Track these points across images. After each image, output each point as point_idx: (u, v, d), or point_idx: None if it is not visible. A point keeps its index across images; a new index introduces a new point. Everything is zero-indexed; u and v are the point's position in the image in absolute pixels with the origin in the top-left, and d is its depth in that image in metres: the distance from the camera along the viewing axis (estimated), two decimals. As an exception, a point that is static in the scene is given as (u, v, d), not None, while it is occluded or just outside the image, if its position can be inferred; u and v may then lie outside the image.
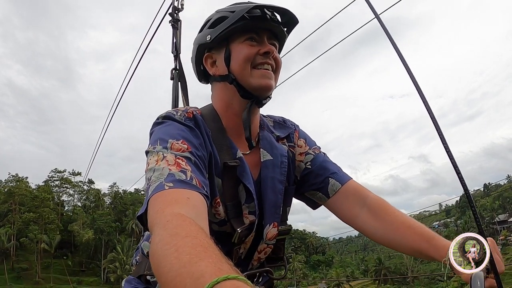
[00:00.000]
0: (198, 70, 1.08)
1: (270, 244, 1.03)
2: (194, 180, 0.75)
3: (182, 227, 0.58)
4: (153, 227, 0.63)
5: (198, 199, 0.72)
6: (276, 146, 1.06)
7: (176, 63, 1.79)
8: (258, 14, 0.95)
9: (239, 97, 0.98)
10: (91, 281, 50.92)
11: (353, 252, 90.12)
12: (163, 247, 0.54)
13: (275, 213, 1.01)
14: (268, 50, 0.96)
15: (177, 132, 0.85)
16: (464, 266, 0.73)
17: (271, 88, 0.98)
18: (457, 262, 0.74)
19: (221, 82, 1.01)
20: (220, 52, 0.99)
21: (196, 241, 0.53)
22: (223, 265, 0.47)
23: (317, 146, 1.17)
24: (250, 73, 0.96)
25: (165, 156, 0.79)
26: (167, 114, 0.92)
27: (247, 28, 0.96)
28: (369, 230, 1.03)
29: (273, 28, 0.99)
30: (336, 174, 1.09)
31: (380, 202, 1.04)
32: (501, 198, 65.11)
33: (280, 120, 1.18)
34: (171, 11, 1.96)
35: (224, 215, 0.93)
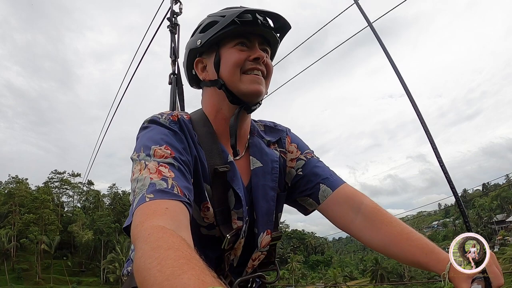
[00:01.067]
0: (189, 75, 1.08)
1: (264, 251, 1.04)
2: (175, 188, 0.74)
3: (164, 239, 0.57)
4: (135, 241, 0.63)
5: (177, 209, 0.71)
6: (266, 152, 1.05)
7: (175, 68, 1.78)
8: (249, 19, 0.94)
9: (228, 103, 0.97)
10: (91, 281, 51.34)
11: (352, 252, 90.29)
12: (145, 261, 0.54)
13: (268, 220, 1.01)
14: (258, 56, 0.95)
15: (160, 137, 0.85)
16: (464, 266, 0.73)
17: (261, 94, 0.97)
18: (457, 262, 0.74)
19: (211, 87, 1.00)
20: (211, 57, 0.99)
21: (178, 253, 0.53)
22: (206, 277, 0.47)
23: (309, 150, 1.15)
24: (239, 79, 0.95)
25: (147, 164, 0.79)
26: (152, 118, 0.92)
27: (238, 33, 0.95)
28: (365, 239, 1.01)
29: (265, 34, 0.98)
30: (327, 179, 1.07)
31: (375, 210, 1.01)
32: (499, 198, 65.24)
33: (270, 124, 1.17)
34: (169, 15, 1.94)
35: (213, 220, 0.93)
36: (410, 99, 0.82)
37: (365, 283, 50.80)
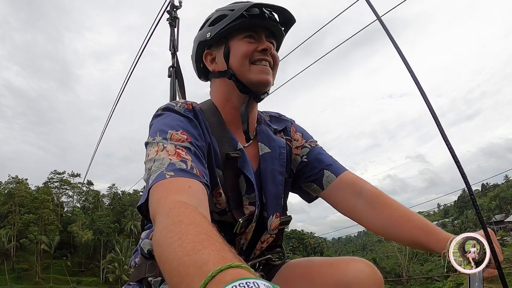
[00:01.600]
0: (198, 67, 1.11)
1: (273, 234, 1.07)
2: (194, 169, 0.76)
3: (185, 214, 0.57)
4: (156, 215, 0.63)
5: (199, 188, 0.72)
6: (273, 139, 1.08)
7: (174, 61, 1.81)
8: (256, 13, 0.98)
9: (238, 92, 1.01)
10: (90, 281, 51.32)
11: (351, 252, 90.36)
12: (166, 234, 0.54)
13: (277, 204, 1.04)
14: (266, 47, 0.99)
15: (177, 123, 0.87)
16: (464, 266, 0.73)
17: (269, 83, 1.01)
18: (457, 262, 0.74)
19: (220, 78, 1.03)
20: (220, 49, 1.03)
21: (199, 229, 0.53)
22: (226, 253, 0.46)
23: (313, 140, 1.19)
24: (248, 69, 0.98)
25: (165, 146, 0.80)
26: (167, 106, 0.94)
27: (246, 26, 0.99)
28: (367, 222, 1.05)
29: (271, 27, 1.02)
30: (331, 166, 1.11)
31: (377, 194, 1.05)
32: (498, 198, 65.31)
33: (276, 114, 1.21)
34: (169, 8, 1.99)
35: (226, 205, 0.95)
36: (421, 92, 0.81)
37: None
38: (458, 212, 75.83)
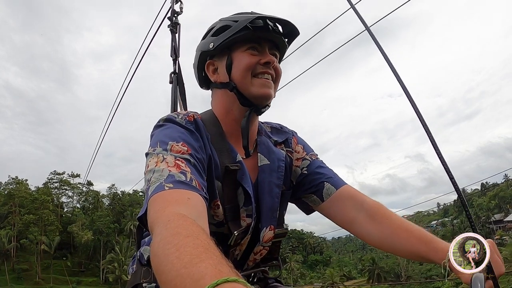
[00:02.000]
0: (199, 76, 1.11)
1: (266, 246, 1.06)
2: (194, 181, 0.77)
3: (184, 227, 0.58)
4: (154, 227, 0.64)
5: (198, 200, 0.73)
6: (273, 151, 1.08)
7: (175, 67, 1.80)
8: (260, 25, 0.98)
9: (238, 105, 1.01)
10: (90, 281, 51.57)
11: (351, 252, 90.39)
12: (164, 246, 0.54)
13: (272, 216, 1.04)
14: (269, 60, 0.99)
15: (178, 135, 0.87)
16: (464, 266, 0.73)
17: (270, 97, 1.01)
18: (457, 262, 0.74)
19: (221, 89, 1.03)
20: (222, 60, 1.02)
21: (197, 242, 0.53)
22: (223, 267, 0.47)
23: (314, 153, 1.20)
24: (250, 82, 0.98)
25: (165, 158, 0.80)
26: (168, 117, 0.94)
27: (249, 38, 0.99)
28: (366, 235, 1.04)
29: (275, 39, 1.02)
30: (331, 178, 1.11)
31: (377, 206, 1.05)
32: (497, 198, 65.35)
33: (277, 126, 1.21)
34: (170, 14, 1.97)
35: (223, 217, 0.95)
36: (409, 99, 0.83)
37: (362, 282, 51.01)
38: (458, 211, 75.82)
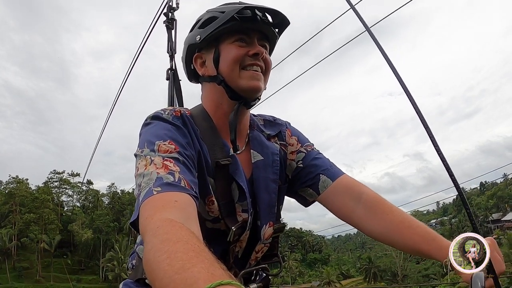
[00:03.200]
0: (188, 70, 1.08)
1: (266, 243, 1.06)
2: (182, 181, 0.76)
3: (173, 232, 0.58)
4: (144, 234, 0.64)
5: (187, 201, 0.72)
6: (266, 145, 1.06)
7: (172, 63, 1.79)
8: (248, 15, 0.95)
9: (227, 98, 0.98)
10: (90, 279, 52.11)
11: (350, 250, 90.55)
12: (155, 254, 0.55)
13: (270, 212, 1.02)
14: (257, 51, 0.96)
15: (164, 133, 0.86)
16: (464, 266, 0.73)
17: (260, 89, 0.98)
18: (457, 262, 0.74)
19: (210, 83, 1.01)
20: (210, 52, 0.99)
21: (187, 246, 0.53)
22: (216, 270, 0.47)
23: (309, 143, 1.16)
24: (238, 74, 0.95)
25: (152, 159, 0.79)
26: (155, 114, 0.92)
27: (237, 29, 0.96)
28: (367, 228, 1.02)
29: (264, 30, 0.99)
30: (327, 170, 1.09)
31: (377, 199, 1.02)
32: (495, 197, 65.35)
33: (270, 118, 1.18)
34: (166, 11, 1.95)
35: (218, 213, 0.94)
36: (409, 97, 0.84)
37: (359, 281, 51.28)
38: (457, 210, 75.87)
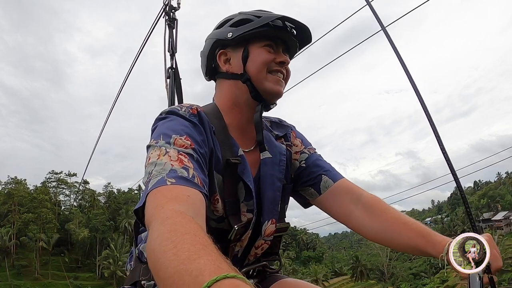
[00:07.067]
0: (208, 65, 1.09)
1: (267, 240, 1.06)
2: (196, 178, 0.75)
3: (181, 224, 0.57)
4: (151, 222, 0.63)
5: (198, 198, 0.72)
6: (275, 145, 1.08)
7: (173, 62, 1.79)
8: (280, 25, 1.00)
9: (248, 97, 1.01)
10: (87, 276, 53.03)
11: (344, 248, 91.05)
12: (161, 242, 0.54)
13: (273, 209, 1.03)
14: (284, 60, 1.02)
15: (181, 128, 0.85)
16: (464, 266, 0.73)
17: (281, 95, 1.03)
18: (457, 262, 0.73)
19: (230, 80, 1.03)
20: (237, 51, 1.02)
21: (195, 239, 0.53)
22: (222, 264, 0.47)
23: (312, 147, 1.19)
24: (265, 77, 1.00)
25: (167, 151, 0.78)
26: (171, 109, 0.92)
27: (268, 35, 1.00)
28: (364, 228, 1.04)
29: (289, 41, 1.04)
30: (329, 172, 1.12)
31: (375, 200, 1.05)
32: (487, 197, 65.72)
33: (276, 120, 1.21)
34: (168, 10, 1.97)
35: (223, 212, 0.94)
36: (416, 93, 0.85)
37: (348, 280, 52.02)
38: (450, 209, 76.34)
